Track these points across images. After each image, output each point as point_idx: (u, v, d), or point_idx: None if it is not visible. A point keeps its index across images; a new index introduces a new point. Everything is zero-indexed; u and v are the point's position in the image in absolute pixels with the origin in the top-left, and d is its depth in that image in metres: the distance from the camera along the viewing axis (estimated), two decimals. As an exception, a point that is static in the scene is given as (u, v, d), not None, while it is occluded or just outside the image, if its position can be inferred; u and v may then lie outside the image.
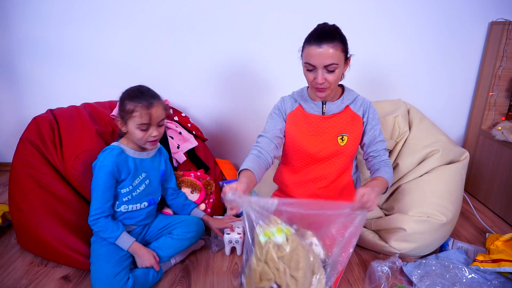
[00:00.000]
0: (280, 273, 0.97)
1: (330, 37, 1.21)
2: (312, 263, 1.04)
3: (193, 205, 1.61)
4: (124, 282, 1.26)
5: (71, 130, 1.61)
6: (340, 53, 1.23)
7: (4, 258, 1.52)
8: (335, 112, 1.38)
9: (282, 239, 1.00)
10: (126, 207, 1.37)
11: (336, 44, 1.22)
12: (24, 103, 2.24)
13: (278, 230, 1.01)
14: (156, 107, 1.29)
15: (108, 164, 1.28)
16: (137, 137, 1.30)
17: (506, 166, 1.91)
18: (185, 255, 1.55)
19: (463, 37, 2.09)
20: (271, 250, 0.99)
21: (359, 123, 1.39)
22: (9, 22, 2.06)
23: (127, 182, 1.34)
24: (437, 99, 2.22)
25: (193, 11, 2.03)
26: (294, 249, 1.00)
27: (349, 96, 1.39)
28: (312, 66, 1.24)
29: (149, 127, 1.29)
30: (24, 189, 1.48)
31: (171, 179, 1.57)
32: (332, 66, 1.23)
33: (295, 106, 1.42)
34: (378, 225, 1.61)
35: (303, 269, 0.99)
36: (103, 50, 2.11)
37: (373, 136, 1.39)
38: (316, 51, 1.21)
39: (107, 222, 1.31)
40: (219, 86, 2.19)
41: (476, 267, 1.40)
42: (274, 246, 0.99)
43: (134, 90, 1.31)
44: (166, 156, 1.53)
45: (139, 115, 1.26)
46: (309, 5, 2.02)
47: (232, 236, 1.53)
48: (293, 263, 0.98)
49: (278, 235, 1.00)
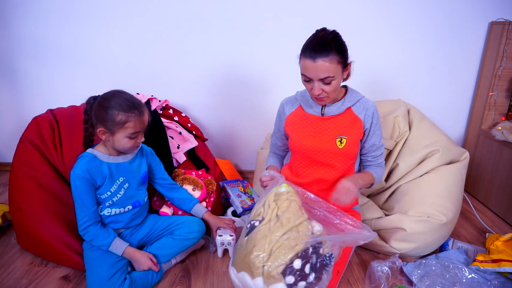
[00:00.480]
0: (270, 209, 1.16)
1: (324, 51, 1.18)
2: (299, 220, 1.14)
3: (195, 200, 1.58)
4: (120, 283, 1.26)
5: (71, 130, 1.61)
6: (336, 65, 1.20)
7: (4, 258, 1.52)
8: (334, 114, 1.36)
9: (284, 189, 1.20)
10: (109, 211, 1.35)
11: (332, 58, 1.18)
12: (24, 103, 2.24)
13: (286, 185, 1.22)
14: (146, 113, 1.28)
15: (79, 171, 1.25)
16: (124, 146, 1.27)
17: (506, 166, 1.91)
18: (186, 255, 1.55)
19: (463, 37, 2.09)
20: (271, 195, 1.19)
21: (359, 126, 1.36)
22: (8, 22, 2.06)
23: (104, 188, 1.31)
24: (437, 99, 2.22)
25: (193, 11, 2.03)
26: (291, 202, 1.17)
27: (351, 98, 1.37)
28: (308, 78, 1.24)
29: (138, 134, 1.28)
30: (24, 189, 1.48)
31: (159, 172, 1.52)
32: (327, 79, 1.22)
33: (296, 107, 1.43)
34: (378, 225, 1.61)
35: (288, 215, 1.13)
36: (103, 50, 2.11)
37: (373, 143, 1.39)
38: (311, 65, 1.20)
39: (97, 230, 1.29)
40: (219, 86, 2.19)
41: (476, 267, 1.40)
42: (276, 194, 1.19)
43: (119, 97, 1.24)
44: (150, 154, 1.49)
45: (133, 125, 1.24)
46: (309, 5, 2.02)
47: (224, 238, 1.52)
48: (283, 208, 1.15)
49: (284, 188, 1.21)
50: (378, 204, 1.83)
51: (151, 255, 1.38)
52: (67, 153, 1.57)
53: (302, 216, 1.15)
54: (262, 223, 1.12)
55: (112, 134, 1.24)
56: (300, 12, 2.02)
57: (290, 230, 1.09)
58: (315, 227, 1.14)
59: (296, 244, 1.06)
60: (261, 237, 1.09)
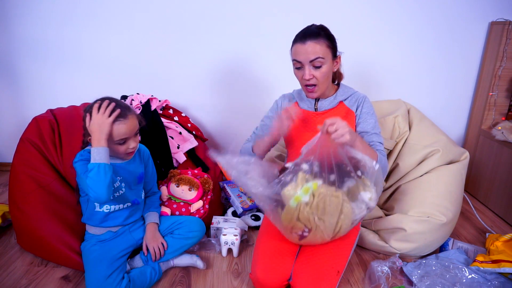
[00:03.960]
0: (310, 221, 1.13)
1: (313, 35, 1.26)
2: (341, 204, 1.14)
3: (155, 209, 1.52)
4: (118, 282, 1.26)
5: (71, 130, 1.61)
6: (325, 48, 1.26)
7: (4, 258, 1.52)
8: (327, 108, 1.40)
9: (308, 197, 1.12)
10: (108, 207, 1.36)
11: (320, 40, 1.26)
12: (24, 103, 2.24)
13: (305, 190, 1.13)
14: (131, 118, 1.26)
15: (82, 157, 1.26)
16: (118, 152, 1.28)
17: (506, 166, 1.91)
18: (185, 264, 1.50)
19: (463, 37, 2.09)
20: (302, 209, 1.13)
21: (353, 118, 1.39)
22: (9, 22, 2.06)
23: None
24: (437, 99, 2.22)
25: (193, 11, 2.03)
26: (321, 199, 1.12)
27: (343, 93, 1.41)
28: (299, 63, 1.29)
29: (127, 140, 1.27)
30: (24, 189, 1.48)
31: (147, 176, 1.51)
32: (317, 61, 1.26)
33: (292, 102, 1.47)
34: (378, 225, 1.61)
35: (330, 212, 1.13)
36: (103, 50, 2.11)
37: (363, 130, 1.36)
38: (301, 47, 1.27)
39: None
40: (219, 86, 2.19)
41: (476, 268, 1.40)
42: (303, 206, 1.13)
43: None
44: (146, 156, 1.49)
45: (117, 133, 1.23)
46: (309, 5, 2.02)
47: (228, 238, 1.53)
48: (320, 210, 1.13)
49: (305, 195, 1.13)
50: (378, 204, 1.84)
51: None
52: (67, 153, 1.57)
53: (339, 202, 1.13)
54: (311, 233, 1.17)
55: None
56: (301, 12, 2.02)
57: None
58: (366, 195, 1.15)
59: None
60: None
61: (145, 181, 1.50)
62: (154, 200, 1.56)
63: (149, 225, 1.46)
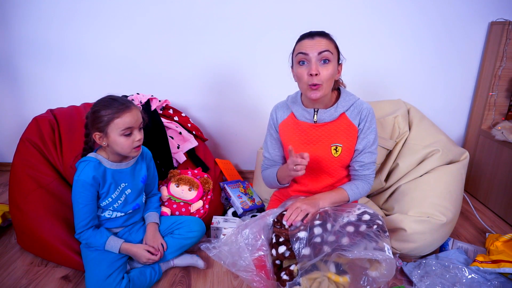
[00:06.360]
0: None
1: (322, 33, 1.23)
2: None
3: (153, 208, 1.52)
4: (117, 282, 1.27)
5: (71, 130, 1.62)
6: (333, 47, 1.23)
7: (4, 258, 1.52)
8: (327, 121, 1.30)
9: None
10: (110, 213, 1.37)
11: (329, 39, 1.23)
12: (24, 103, 2.24)
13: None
14: (134, 109, 1.27)
15: (86, 178, 1.25)
16: (123, 146, 1.26)
17: (506, 166, 1.91)
18: (186, 264, 1.50)
19: (463, 37, 2.09)
20: None
21: (354, 133, 1.30)
22: (9, 22, 2.06)
23: (106, 195, 1.32)
24: (437, 99, 2.22)
25: (193, 12, 2.03)
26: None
27: (345, 102, 1.30)
28: (305, 57, 1.19)
29: (132, 130, 1.27)
30: (24, 189, 1.48)
31: (149, 178, 1.51)
32: (325, 54, 1.18)
33: (287, 114, 1.38)
34: (378, 225, 1.61)
35: None
36: (104, 50, 2.11)
37: (358, 147, 1.32)
38: (309, 41, 1.21)
39: (91, 233, 1.31)
40: (219, 86, 2.19)
41: (476, 268, 1.40)
42: None
43: (106, 100, 1.26)
44: (149, 158, 1.49)
45: (122, 121, 1.23)
46: (309, 6, 2.02)
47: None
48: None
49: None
50: (378, 204, 1.84)
51: (146, 246, 1.38)
52: (67, 153, 1.57)
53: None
54: None
55: (106, 135, 1.25)
56: (301, 13, 2.02)
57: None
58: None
59: None
60: None
61: (146, 183, 1.50)
62: (154, 201, 1.56)
63: (149, 225, 1.46)
